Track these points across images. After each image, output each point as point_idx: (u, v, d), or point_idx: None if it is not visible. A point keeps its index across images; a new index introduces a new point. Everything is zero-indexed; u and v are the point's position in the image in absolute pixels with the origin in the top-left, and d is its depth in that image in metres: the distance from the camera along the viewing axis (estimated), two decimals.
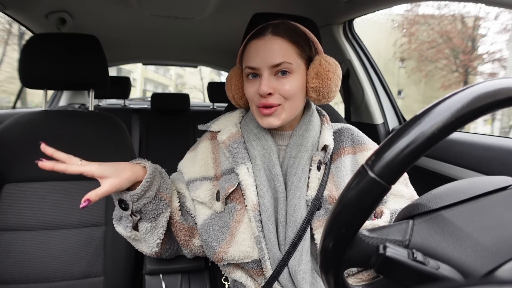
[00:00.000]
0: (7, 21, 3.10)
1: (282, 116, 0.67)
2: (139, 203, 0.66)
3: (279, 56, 0.65)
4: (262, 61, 0.65)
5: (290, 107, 0.68)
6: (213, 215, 0.71)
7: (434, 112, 0.32)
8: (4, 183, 0.95)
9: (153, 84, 17.36)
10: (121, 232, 0.72)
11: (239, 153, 0.71)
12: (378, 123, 1.47)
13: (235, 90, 0.75)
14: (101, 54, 1.09)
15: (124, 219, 0.69)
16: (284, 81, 0.66)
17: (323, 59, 0.68)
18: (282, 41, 0.66)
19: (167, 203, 0.71)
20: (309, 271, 0.65)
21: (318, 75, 0.67)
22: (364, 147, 0.75)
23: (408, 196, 0.71)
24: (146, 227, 0.70)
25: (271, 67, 0.65)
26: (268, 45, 0.66)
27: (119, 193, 0.66)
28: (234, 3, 1.46)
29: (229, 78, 0.77)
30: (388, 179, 0.33)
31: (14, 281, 0.90)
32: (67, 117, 1.08)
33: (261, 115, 0.68)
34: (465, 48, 9.31)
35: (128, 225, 0.69)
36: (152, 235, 0.72)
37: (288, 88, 0.66)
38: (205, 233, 0.71)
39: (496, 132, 7.60)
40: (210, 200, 0.72)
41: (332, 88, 0.68)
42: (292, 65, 0.66)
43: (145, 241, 0.73)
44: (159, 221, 0.71)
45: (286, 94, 0.66)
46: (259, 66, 0.66)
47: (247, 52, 0.69)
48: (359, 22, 1.51)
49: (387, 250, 0.35)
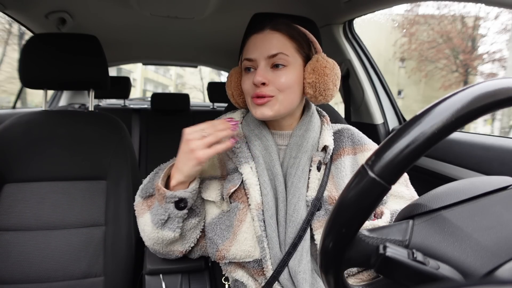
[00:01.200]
0: (7, 21, 3.10)
1: (275, 107, 0.67)
2: (193, 199, 0.67)
3: (276, 47, 0.66)
4: (259, 52, 0.67)
5: (283, 99, 0.68)
6: (220, 214, 0.72)
7: (434, 112, 0.32)
8: (4, 183, 0.95)
9: (153, 84, 17.36)
10: (166, 235, 0.68)
11: (242, 152, 0.72)
12: (378, 123, 1.47)
13: (235, 87, 0.76)
14: (101, 54, 1.09)
15: (174, 221, 0.67)
16: (279, 73, 0.66)
17: (321, 57, 0.69)
18: (280, 35, 0.67)
19: (200, 196, 0.73)
20: (309, 271, 0.65)
21: (315, 70, 0.68)
22: (364, 147, 0.75)
23: (408, 197, 0.71)
24: (193, 223, 0.71)
25: (267, 57, 0.66)
26: (266, 38, 0.67)
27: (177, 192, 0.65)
28: (234, 3, 1.46)
29: (229, 76, 0.78)
30: (388, 179, 0.33)
31: (14, 281, 0.89)
32: (67, 117, 1.08)
33: (255, 105, 0.68)
34: (465, 48, 9.31)
35: (179, 226, 0.68)
36: (195, 230, 0.73)
37: (283, 80, 0.66)
38: (212, 230, 0.71)
39: (496, 132, 7.60)
40: (220, 199, 0.72)
41: (329, 85, 0.68)
42: (288, 57, 0.66)
43: (183, 239, 0.73)
44: (203, 214, 0.73)
45: (280, 87, 0.66)
46: (256, 57, 0.67)
47: (246, 47, 0.71)
48: (359, 22, 1.51)
49: (387, 250, 0.35)
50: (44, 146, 0.99)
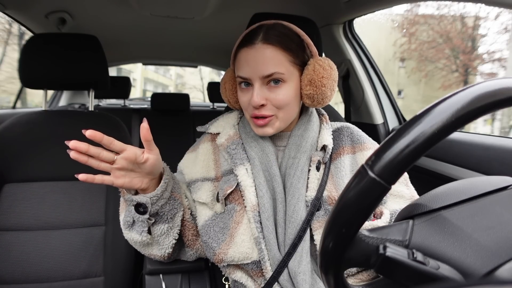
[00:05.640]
0: (7, 21, 3.10)
1: (276, 125, 0.67)
2: (157, 204, 0.65)
3: (270, 66, 0.63)
4: (252, 71, 0.64)
5: (283, 116, 0.67)
6: (213, 216, 0.71)
7: (434, 112, 0.32)
8: (4, 183, 0.95)
9: (153, 84, 17.35)
10: (134, 238, 0.68)
11: (237, 154, 0.71)
12: (378, 123, 1.47)
13: (230, 94, 0.74)
14: (101, 54, 1.09)
15: (138, 224, 0.66)
16: (277, 91, 0.64)
17: (317, 64, 0.66)
18: (273, 49, 0.63)
19: (180, 202, 0.71)
20: (309, 272, 0.65)
21: (312, 83, 0.65)
22: (364, 146, 0.74)
23: (408, 196, 0.71)
24: (162, 229, 0.69)
25: (262, 77, 0.63)
26: (258, 55, 0.63)
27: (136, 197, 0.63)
28: (234, 3, 1.46)
29: (223, 82, 0.76)
30: (388, 179, 0.33)
31: (14, 281, 0.89)
32: (67, 117, 1.08)
33: (256, 125, 0.68)
34: (465, 48, 9.30)
35: (144, 230, 0.67)
36: (167, 237, 0.71)
37: (281, 98, 0.64)
38: (206, 234, 0.71)
39: (496, 132, 7.59)
40: (211, 201, 0.72)
41: (327, 94, 0.67)
42: (284, 75, 0.64)
43: (158, 244, 0.72)
44: (175, 221, 0.71)
45: (279, 104, 0.65)
46: (250, 76, 0.64)
47: (238, 61, 0.67)
48: (359, 22, 1.51)
49: (387, 250, 0.35)
50: (44, 146, 0.99)
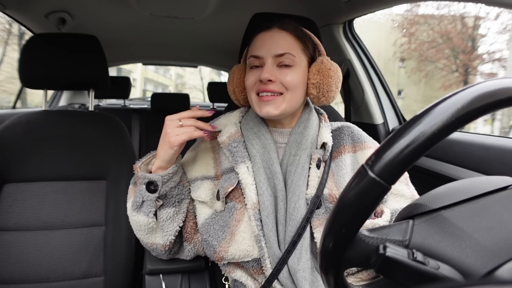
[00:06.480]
0: (7, 21, 3.10)
1: (282, 106, 0.68)
2: (167, 185, 0.69)
3: (283, 47, 0.68)
4: (266, 50, 0.68)
5: (290, 98, 0.69)
6: (213, 214, 0.71)
7: (434, 112, 0.32)
8: (4, 183, 0.95)
9: (153, 84, 17.35)
10: (140, 220, 0.70)
11: (238, 152, 0.72)
12: (378, 123, 1.47)
13: (237, 83, 0.76)
14: (101, 54, 1.09)
15: (146, 204, 0.69)
16: (286, 72, 0.68)
17: (326, 59, 0.71)
18: (288, 35, 0.69)
19: (187, 190, 0.75)
20: (309, 269, 0.65)
21: (320, 72, 0.69)
22: (364, 145, 0.75)
23: (409, 196, 0.71)
24: (168, 213, 0.71)
25: (274, 56, 0.67)
26: (274, 37, 0.69)
27: (149, 174, 0.68)
28: (234, 3, 1.46)
29: (231, 73, 0.78)
30: (388, 179, 0.33)
31: (14, 281, 0.89)
32: (67, 117, 1.08)
33: (260, 102, 0.69)
34: (465, 48, 9.31)
35: (151, 210, 0.69)
36: (172, 222, 0.73)
37: (289, 79, 0.67)
38: (206, 232, 0.71)
39: (496, 132, 7.60)
40: (211, 199, 0.72)
41: (332, 87, 0.70)
42: (295, 58, 0.68)
43: (162, 231, 0.73)
44: (181, 207, 0.73)
45: (287, 84, 0.68)
46: (264, 55, 0.68)
47: (253, 44, 0.72)
48: (359, 22, 1.51)
49: (387, 250, 0.35)
50: (44, 146, 0.99)
